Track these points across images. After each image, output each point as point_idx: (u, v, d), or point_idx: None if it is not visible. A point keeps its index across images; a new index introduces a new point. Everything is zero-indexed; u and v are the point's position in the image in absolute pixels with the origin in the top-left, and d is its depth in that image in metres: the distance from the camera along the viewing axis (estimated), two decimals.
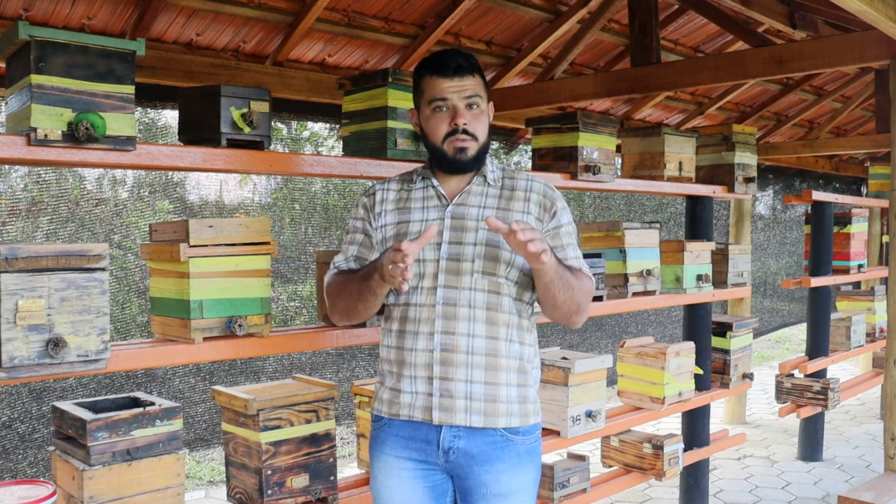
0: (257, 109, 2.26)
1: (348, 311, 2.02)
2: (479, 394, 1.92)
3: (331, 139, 5.59)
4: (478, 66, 1.99)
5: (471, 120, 1.95)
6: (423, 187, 2.05)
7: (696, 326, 4.01)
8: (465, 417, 1.92)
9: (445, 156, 1.97)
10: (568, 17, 4.59)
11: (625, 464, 3.66)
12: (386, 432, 2.00)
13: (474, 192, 2.02)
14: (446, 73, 1.94)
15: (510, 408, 1.95)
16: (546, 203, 2.01)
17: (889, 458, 3.89)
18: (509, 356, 1.96)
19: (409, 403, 1.95)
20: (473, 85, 1.95)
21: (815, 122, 7.77)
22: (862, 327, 5.42)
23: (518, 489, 1.97)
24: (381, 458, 2.02)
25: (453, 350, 1.92)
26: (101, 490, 1.98)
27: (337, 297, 2.03)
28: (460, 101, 1.94)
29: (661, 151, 3.75)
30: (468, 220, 1.97)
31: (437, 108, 1.96)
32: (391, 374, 2.00)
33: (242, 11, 3.70)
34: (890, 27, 3.05)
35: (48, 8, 3.33)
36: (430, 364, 1.93)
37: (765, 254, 9.08)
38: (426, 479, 1.98)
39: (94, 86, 1.89)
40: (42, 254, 1.80)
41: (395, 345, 1.99)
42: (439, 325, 1.92)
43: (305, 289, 5.05)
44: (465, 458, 1.94)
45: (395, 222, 2.03)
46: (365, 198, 2.11)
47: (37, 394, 3.91)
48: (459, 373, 1.91)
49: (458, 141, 1.94)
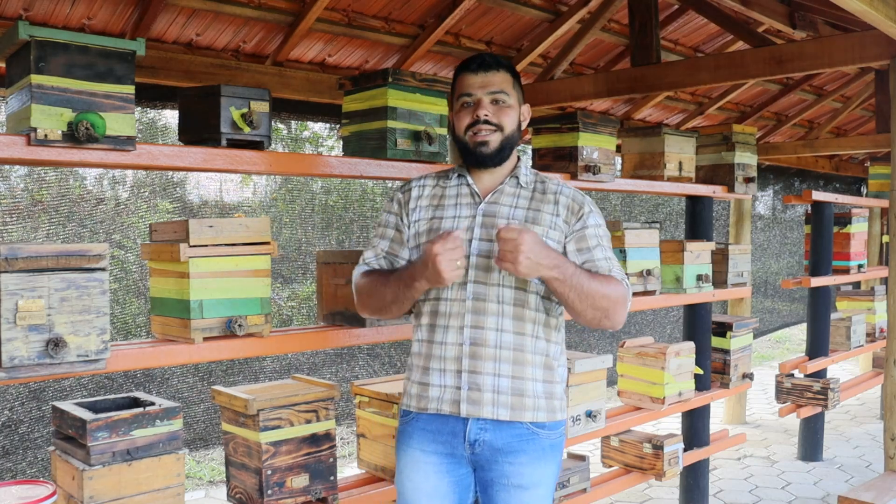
0: (257, 109, 2.26)
1: (381, 310, 2.06)
2: (506, 387, 1.95)
3: (331, 139, 5.59)
4: (508, 65, 2.04)
5: (494, 112, 1.99)
6: (457, 184, 2.09)
7: (696, 326, 4.01)
8: (493, 410, 1.94)
9: (467, 147, 2.03)
10: (568, 17, 4.59)
11: (625, 464, 3.66)
12: (413, 426, 2.03)
13: (507, 192, 2.05)
14: (472, 69, 2.01)
15: (537, 402, 1.98)
16: (574, 207, 2.03)
17: (889, 458, 3.89)
18: (535, 352, 1.99)
19: (438, 397, 1.98)
20: (500, 80, 2.01)
21: (815, 122, 7.77)
22: (862, 327, 5.42)
23: (539, 482, 1.99)
24: (407, 451, 2.04)
25: (482, 344, 1.95)
26: (101, 490, 1.98)
27: (368, 296, 2.06)
28: (485, 95, 2.00)
29: (661, 151, 3.75)
30: (499, 219, 2.00)
31: (465, 103, 2.02)
32: (419, 369, 2.04)
33: (242, 11, 3.70)
34: (890, 27, 3.05)
35: (48, 8, 3.33)
36: (460, 357, 1.96)
37: (765, 254, 9.08)
38: (451, 473, 2.00)
39: (94, 86, 1.89)
40: (42, 254, 1.80)
41: (426, 338, 2.03)
42: (469, 319, 1.96)
43: (305, 289, 5.05)
44: (490, 450, 1.97)
45: (429, 218, 2.06)
46: (400, 193, 2.13)
47: (37, 394, 3.91)
48: (487, 366, 1.95)
49: (478, 132, 1.99)
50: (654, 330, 7.60)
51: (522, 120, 2.07)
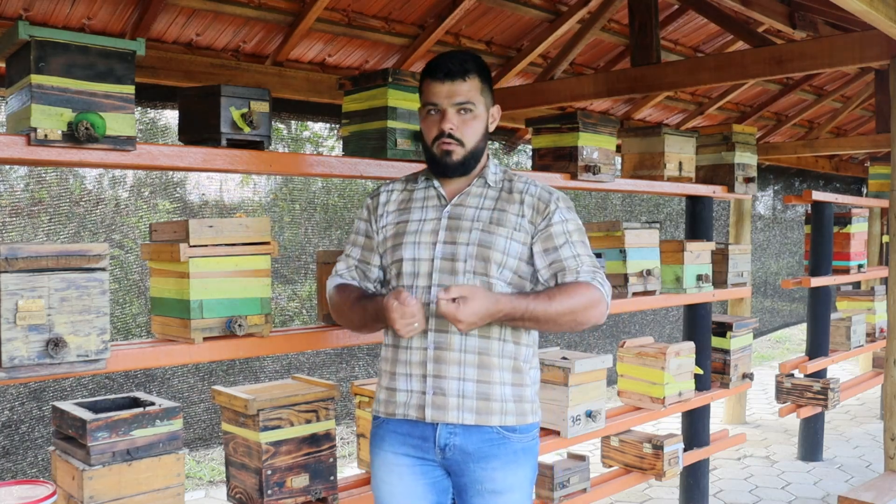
0: (257, 109, 2.26)
1: (351, 327, 2.16)
2: (471, 392, 1.93)
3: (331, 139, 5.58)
4: (478, 69, 1.97)
5: (459, 125, 1.96)
6: (425, 188, 2.08)
7: (696, 326, 4.01)
8: (458, 415, 1.93)
9: (434, 157, 2.01)
10: (568, 17, 4.59)
11: (625, 464, 3.66)
12: (384, 429, 2.03)
13: (473, 193, 2.03)
14: (437, 77, 1.95)
15: (505, 406, 1.95)
16: (539, 206, 1.99)
17: (889, 458, 3.89)
18: (502, 355, 1.96)
19: (405, 402, 1.97)
20: (466, 90, 1.95)
21: (815, 122, 7.77)
22: (862, 327, 5.42)
23: (513, 487, 1.97)
24: (379, 454, 2.03)
25: (446, 348, 1.93)
26: (100, 490, 1.98)
27: (338, 314, 2.11)
28: (450, 105, 1.95)
29: (661, 151, 3.75)
30: (464, 221, 1.98)
31: (429, 111, 1.99)
32: (387, 374, 2.03)
33: (242, 11, 3.70)
34: (890, 27, 3.05)
35: (48, 8, 3.33)
36: (424, 362, 1.95)
37: (765, 254, 9.08)
38: (426, 475, 1.99)
39: (94, 86, 1.89)
40: (42, 254, 1.80)
41: (392, 343, 2.02)
42: (433, 323, 1.94)
43: (305, 289, 5.05)
44: (461, 454, 1.95)
45: (395, 222, 2.05)
46: (369, 199, 2.14)
47: (37, 394, 3.91)
48: (452, 370, 1.93)
49: (444, 144, 1.97)
50: (654, 330, 7.60)
51: (491, 122, 2.04)
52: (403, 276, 1.99)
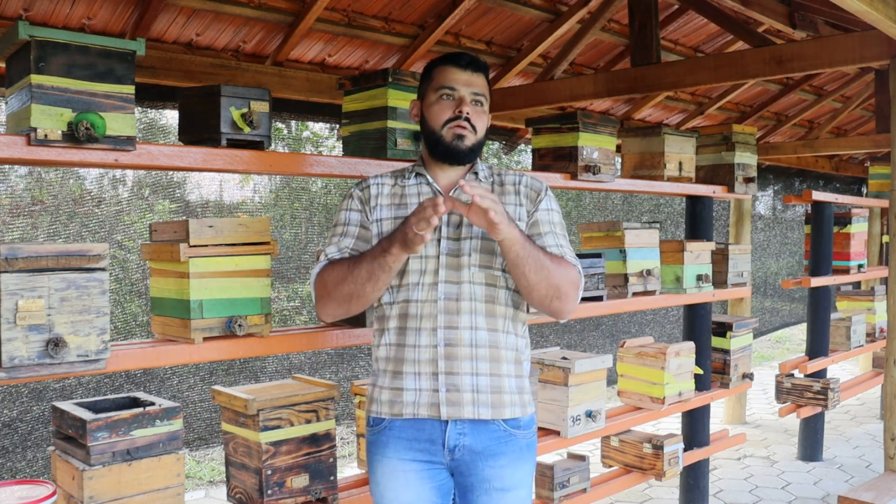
0: (257, 109, 2.26)
1: (352, 296, 1.91)
2: (485, 386, 1.94)
3: (331, 139, 5.58)
4: (486, 72, 2.05)
5: (473, 114, 1.99)
6: (416, 183, 2.06)
7: (696, 326, 4.01)
8: (474, 410, 1.92)
9: (442, 141, 1.98)
10: (568, 17, 4.59)
11: (625, 464, 3.66)
12: (387, 435, 1.98)
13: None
14: (460, 65, 1.99)
15: (513, 398, 1.98)
16: (532, 194, 2.05)
17: (889, 458, 3.89)
18: (507, 347, 1.98)
19: (414, 401, 1.94)
20: (482, 84, 2.02)
21: (815, 122, 7.77)
22: (862, 327, 5.42)
23: (519, 483, 1.99)
24: (383, 461, 1.99)
25: (457, 344, 1.93)
26: (100, 490, 1.98)
27: (338, 283, 1.91)
28: (468, 93, 1.99)
29: (661, 151, 3.75)
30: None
31: (444, 95, 1.99)
32: (388, 374, 1.99)
33: (242, 11, 3.70)
34: (890, 27, 3.05)
35: (48, 8, 3.33)
36: (435, 360, 1.93)
37: (765, 254, 9.08)
38: (433, 478, 1.97)
39: (94, 86, 1.89)
40: (42, 254, 1.80)
41: (395, 342, 1.98)
42: (442, 320, 1.93)
43: (305, 289, 5.05)
44: (469, 454, 1.95)
45: (392, 217, 2.02)
46: (359, 191, 2.07)
47: (37, 394, 3.91)
48: (465, 366, 1.93)
49: (459, 127, 1.96)
50: (654, 330, 7.60)
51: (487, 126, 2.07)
52: (409, 273, 1.96)
